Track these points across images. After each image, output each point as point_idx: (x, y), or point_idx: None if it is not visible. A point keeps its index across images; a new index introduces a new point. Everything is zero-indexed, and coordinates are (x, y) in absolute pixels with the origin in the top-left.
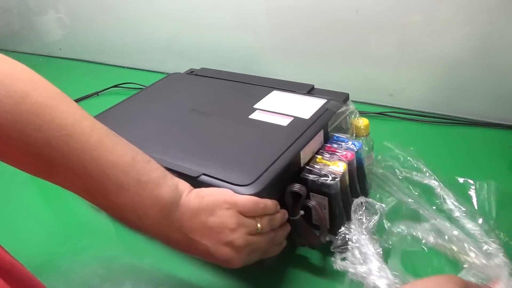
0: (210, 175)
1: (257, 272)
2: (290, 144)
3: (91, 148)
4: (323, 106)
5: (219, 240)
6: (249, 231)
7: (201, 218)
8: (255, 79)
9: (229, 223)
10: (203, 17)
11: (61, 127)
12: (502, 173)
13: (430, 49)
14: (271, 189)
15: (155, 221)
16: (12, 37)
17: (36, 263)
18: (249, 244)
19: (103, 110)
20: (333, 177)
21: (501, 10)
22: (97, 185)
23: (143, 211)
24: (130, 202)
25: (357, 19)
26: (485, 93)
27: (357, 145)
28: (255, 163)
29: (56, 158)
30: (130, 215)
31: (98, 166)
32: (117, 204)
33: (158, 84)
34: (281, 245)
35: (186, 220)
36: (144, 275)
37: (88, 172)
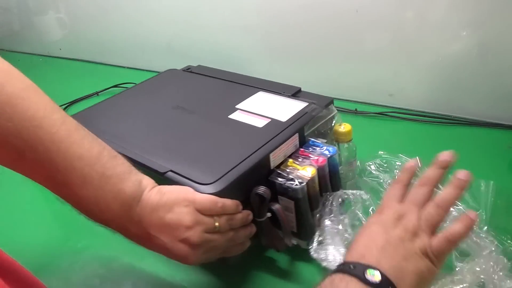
0: (176, 172)
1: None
2: (260, 146)
3: (60, 140)
4: (303, 110)
5: (175, 236)
6: (206, 229)
7: (160, 214)
8: (246, 79)
9: (186, 220)
10: (203, 18)
11: (33, 118)
12: (502, 173)
13: (430, 49)
14: (233, 190)
15: (116, 215)
16: (12, 37)
17: (36, 263)
18: (206, 242)
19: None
20: (299, 181)
21: (501, 10)
22: (62, 177)
23: (105, 205)
24: (92, 195)
25: (357, 19)
26: (485, 93)
27: (331, 150)
28: (221, 163)
29: (25, 148)
30: (93, 208)
31: (65, 158)
32: (80, 196)
33: (153, 79)
34: (244, 245)
35: (145, 215)
36: (144, 275)
37: (54, 163)
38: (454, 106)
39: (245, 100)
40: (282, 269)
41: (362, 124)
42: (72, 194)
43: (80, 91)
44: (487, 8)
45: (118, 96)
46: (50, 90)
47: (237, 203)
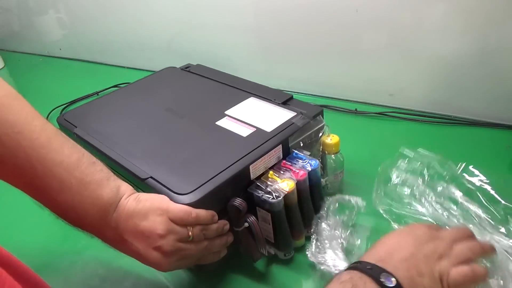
0: (156, 179)
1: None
2: (241, 157)
3: (40, 146)
4: (289, 120)
5: (148, 244)
6: (179, 238)
7: (135, 221)
8: (241, 82)
9: (159, 228)
10: (203, 18)
11: (14, 124)
12: (502, 173)
13: (430, 49)
14: (210, 200)
15: (94, 220)
16: (12, 37)
17: (36, 263)
18: (178, 250)
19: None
20: (276, 195)
21: (501, 10)
22: (41, 182)
23: (83, 210)
24: (71, 201)
25: (357, 18)
26: (485, 93)
27: (313, 164)
28: (200, 173)
29: (5, 154)
30: (70, 213)
31: (45, 165)
32: (59, 201)
33: (150, 77)
34: (219, 254)
35: (121, 221)
36: (144, 275)
37: (34, 169)
38: (454, 106)
39: (235, 106)
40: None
41: (362, 124)
42: (51, 200)
43: (80, 91)
44: (487, 8)
45: (113, 94)
46: (50, 90)
47: (212, 214)
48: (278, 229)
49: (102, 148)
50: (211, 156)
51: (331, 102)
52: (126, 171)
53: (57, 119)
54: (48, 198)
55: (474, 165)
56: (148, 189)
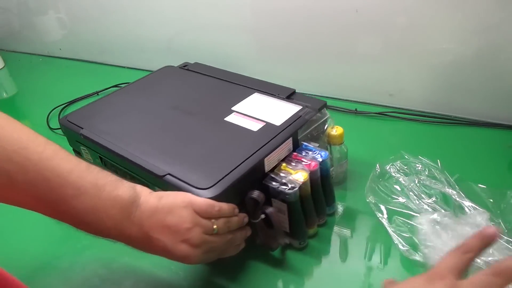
0: (174, 176)
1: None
2: (255, 150)
3: (48, 158)
4: (297, 114)
5: (176, 237)
6: (205, 231)
7: (160, 217)
8: (242, 79)
9: (186, 221)
10: (202, 18)
11: (19, 141)
12: (502, 173)
13: (430, 49)
14: (230, 194)
15: (117, 222)
16: (12, 37)
17: (36, 263)
18: (205, 243)
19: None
20: (292, 186)
21: (501, 10)
22: (56, 194)
23: (104, 213)
24: (90, 206)
25: (357, 19)
26: (485, 93)
27: (323, 155)
28: (218, 167)
29: (16, 171)
30: (91, 219)
31: (57, 175)
32: (78, 209)
33: (149, 77)
34: (239, 246)
35: (145, 218)
36: (144, 275)
37: (47, 181)
38: (454, 106)
39: (240, 102)
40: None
41: (362, 124)
42: (69, 209)
43: (80, 91)
44: (487, 8)
45: (115, 94)
46: (50, 90)
47: (233, 207)
48: (294, 219)
49: (114, 148)
50: (226, 151)
51: (331, 102)
52: (142, 169)
53: (60, 120)
54: (65, 208)
55: (474, 165)
56: (166, 187)
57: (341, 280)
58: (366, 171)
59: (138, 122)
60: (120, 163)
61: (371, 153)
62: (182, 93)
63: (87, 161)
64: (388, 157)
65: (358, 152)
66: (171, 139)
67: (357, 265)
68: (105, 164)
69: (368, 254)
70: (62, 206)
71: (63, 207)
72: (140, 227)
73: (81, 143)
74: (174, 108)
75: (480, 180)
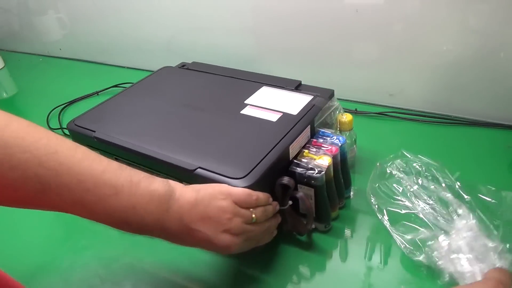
0: (205, 169)
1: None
2: (279, 139)
3: (80, 160)
4: (310, 103)
5: (217, 228)
6: (245, 220)
7: (200, 209)
8: (244, 74)
9: (226, 212)
10: (202, 18)
11: (47, 146)
12: (502, 173)
13: (430, 49)
14: (263, 182)
15: (156, 217)
16: (12, 37)
17: (36, 263)
18: (245, 232)
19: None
20: (319, 170)
21: (500, 10)
22: (93, 194)
23: (143, 209)
24: (128, 203)
25: (357, 19)
26: (485, 93)
27: (341, 140)
28: (248, 157)
29: (48, 176)
30: (131, 216)
31: (92, 175)
32: (116, 208)
33: (151, 77)
34: (273, 234)
35: (185, 212)
36: (144, 275)
37: (82, 183)
38: (454, 106)
39: (252, 96)
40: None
41: (362, 124)
42: (107, 208)
43: (80, 91)
44: (487, 8)
45: (120, 95)
46: (50, 90)
47: (268, 196)
48: (320, 203)
49: (135, 147)
50: (250, 141)
51: None
52: (170, 166)
53: (68, 125)
54: (103, 209)
55: (474, 165)
56: (197, 180)
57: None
58: (366, 171)
59: (152, 121)
60: (145, 162)
61: (370, 153)
62: (189, 91)
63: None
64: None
65: (358, 152)
66: (191, 134)
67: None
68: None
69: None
70: (99, 207)
71: (101, 208)
72: (180, 220)
73: (92, 146)
74: (186, 106)
75: (480, 180)
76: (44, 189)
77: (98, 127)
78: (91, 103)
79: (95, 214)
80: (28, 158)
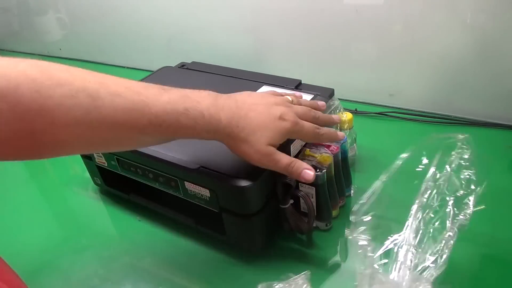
0: (207, 168)
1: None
2: None
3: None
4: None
5: (269, 102)
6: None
7: (247, 96)
8: (244, 73)
9: (271, 96)
10: (202, 18)
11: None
12: (502, 173)
13: (430, 49)
14: (264, 181)
15: (210, 103)
16: (12, 37)
17: (36, 263)
18: (294, 116)
19: None
20: (320, 169)
21: (500, 10)
22: (146, 96)
23: (196, 98)
24: (180, 95)
25: (357, 18)
26: (485, 93)
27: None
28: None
29: (96, 89)
30: (190, 107)
31: (137, 82)
32: (171, 100)
33: (150, 77)
34: (324, 137)
35: (236, 97)
36: (144, 275)
37: (131, 88)
38: (454, 106)
39: None
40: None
41: (362, 124)
42: (163, 102)
43: None
44: (487, 8)
45: None
46: None
47: (315, 103)
48: (321, 201)
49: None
50: None
51: None
52: (172, 165)
53: None
54: (159, 103)
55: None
56: (198, 180)
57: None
58: (367, 170)
59: None
60: (144, 161)
61: (370, 153)
62: None
63: (101, 164)
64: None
65: (359, 151)
66: None
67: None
68: (122, 166)
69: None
70: (155, 104)
71: (156, 105)
72: (234, 99)
73: None
74: None
75: (480, 181)
76: (94, 100)
77: None
78: None
79: (152, 114)
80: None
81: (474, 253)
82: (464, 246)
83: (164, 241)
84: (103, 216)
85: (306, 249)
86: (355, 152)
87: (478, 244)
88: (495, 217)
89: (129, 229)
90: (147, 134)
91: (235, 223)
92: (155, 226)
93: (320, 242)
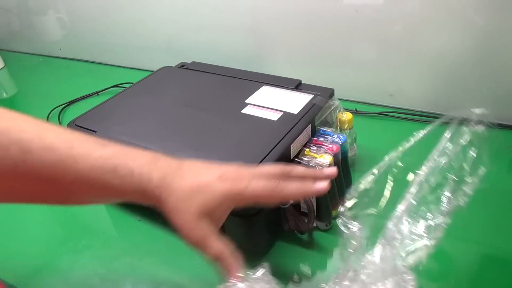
0: None
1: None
2: (281, 138)
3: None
4: (310, 102)
5: (227, 167)
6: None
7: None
8: (244, 73)
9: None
10: (202, 18)
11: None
12: (502, 173)
13: (430, 49)
14: None
15: (146, 162)
16: (12, 37)
17: (36, 263)
18: (252, 171)
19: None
20: (320, 169)
21: (501, 10)
22: (82, 147)
23: (133, 156)
24: (114, 153)
25: (356, 19)
26: (485, 93)
27: (342, 138)
28: (250, 156)
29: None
30: (120, 164)
31: (76, 136)
32: (104, 156)
33: (150, 77)
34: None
35: (188, 160)
36: (144, 275)
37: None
38: (454, 106)
39: (252, 95)
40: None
41: (362, 124)
42: (95, 157)
43: (80, 91)
44: (487, 8)
45: (120, 95)
46: (50, 90)
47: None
48: (321, 201)
49: (136, 147)
50: (252, 140)
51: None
52: None
53: (68, 125)
54: (92, 158)
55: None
56: None
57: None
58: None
59: (154, 121)
60: None
61: (370, 153)
62: (189, 91)
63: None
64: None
65: (359, 151)
66: (192, 134)
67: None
68: None
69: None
70: (86, 159)
71: (88, 160)
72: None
73: None
74: (186, 105)
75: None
76: (24, 153)
77: (98, 127)
78: (91, 103)
79: (79, 171)
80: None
81: (474, 253)
82: (464, 246)
83: (164, 241)
84: (103, 216)
85: (306, 249)
86: (355, 152)
87: (478, 244)
88: (495, 217)
89: (129, 229)
90: (74, 192)
91: (235, 224)
92: (155, 226)
93: (320, 242)
